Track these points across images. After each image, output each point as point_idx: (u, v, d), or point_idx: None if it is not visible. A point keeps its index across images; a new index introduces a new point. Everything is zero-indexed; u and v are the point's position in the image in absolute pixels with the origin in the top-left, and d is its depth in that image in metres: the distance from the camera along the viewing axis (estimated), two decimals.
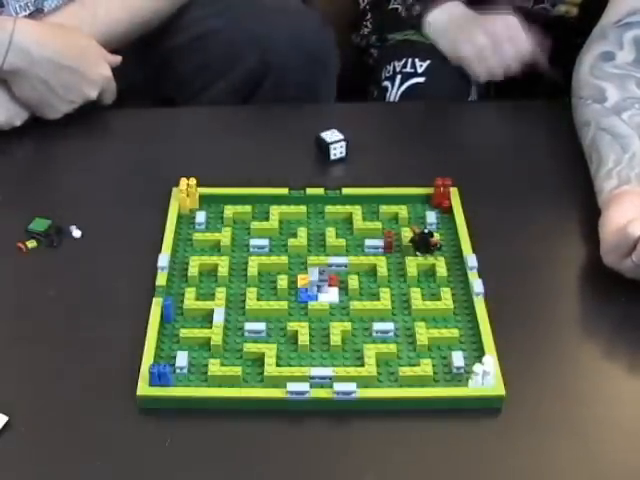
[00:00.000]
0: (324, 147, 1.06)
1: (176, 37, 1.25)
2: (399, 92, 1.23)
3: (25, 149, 1.10)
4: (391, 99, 1.24)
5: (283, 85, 1.19)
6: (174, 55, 1.26)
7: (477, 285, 0.87)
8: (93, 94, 1.10)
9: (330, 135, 1.06)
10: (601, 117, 1.02)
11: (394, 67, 1.26)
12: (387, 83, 1.25)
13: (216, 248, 0.94)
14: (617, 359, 0.86)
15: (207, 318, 0.86)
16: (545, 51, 1.23)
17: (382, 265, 0.91)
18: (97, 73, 1.09)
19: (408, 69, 1.24)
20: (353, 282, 0.90)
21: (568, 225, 0.97)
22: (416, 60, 1.24)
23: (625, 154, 0.96)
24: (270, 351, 0.82)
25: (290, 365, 0.82)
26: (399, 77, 1.24)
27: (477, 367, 0.79)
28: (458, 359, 0.81)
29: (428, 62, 1.23)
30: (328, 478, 0.75)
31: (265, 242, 0.94)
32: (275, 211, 0.98)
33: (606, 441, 0.78)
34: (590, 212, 0.95)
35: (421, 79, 1.23)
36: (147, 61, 1.26)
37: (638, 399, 0.82)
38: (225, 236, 0.95)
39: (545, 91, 1.37)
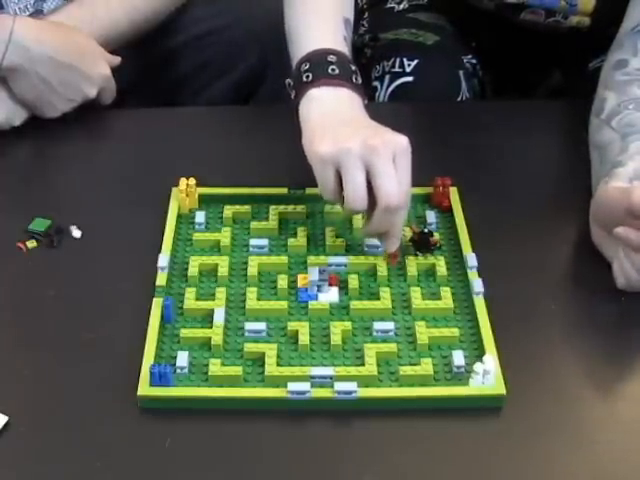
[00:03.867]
0: None
1: (176, 36, 1.25)
2: (388, 92, 1.23)
3: (25, 149, 1.09)
4: (380, 99, 1.24)
5: (284, 83, 1.19)
6: (174, 54, 1.26)
7: (477, 284, 0.87)
8: (92, 93, 1.10)
9: None
10: (594, 132, 1.01)
11: (383, 67, 1.26)
12: (376, 83, 1.25)
13: (216, 248, 0.94)
14: (617, 358, 0.85)
15: (207, 318, 0.86)
16: None
17: (382, 265, 0.91)
18: (96, 72, 1.09)
19: (396, 69, 1.24)
20: (353, 282, 0.90)
21: (568, 225, 0.97)
22: (404, 59, 1.24)
23: (603, 165, 0.96)
24: (270, 351, 0.82)
25: (291, 365, 0.82)
26: (388, 77, 1.24)
27: (478, 366, 0.79)
28: (458, 358, 0.81)
29: (416, 61, 1.23)
30: (328, 478, 0.75)
31: (265, 242, 0.94)
32: (274, 211, 0.98)
33: (607, 440, 0.78)
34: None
35: (409, 78, 1.23)
36: (147, 61, 1.26)
37: (638, 398, 0.82)
38: (225, 236, 0.95)
39: (545, 91, 1.38)
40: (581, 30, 1.23)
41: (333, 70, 0.92)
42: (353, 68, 0.95)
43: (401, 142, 0.87)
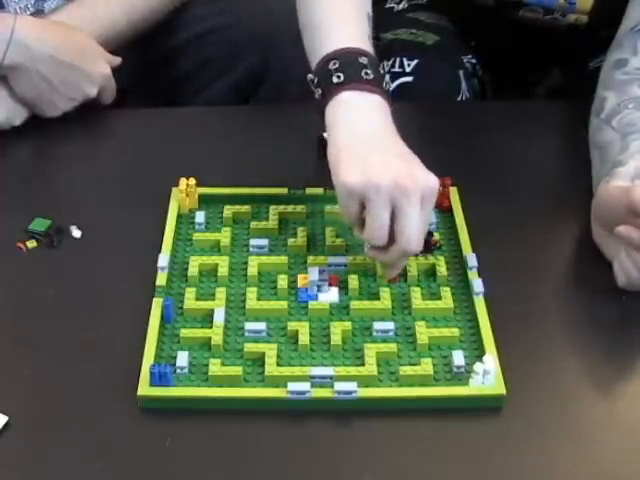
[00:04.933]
0: (325, 147, 1.05)
1: (177, 35, 1.25)
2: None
3: (25, 149, 1.09)
4: None
5: (284, 83, 1.19)
6: (175, 54, 1.26)
7: (477, 284, 0.87)
8: (93, 92, 1.10)
9: None
10: (595, 132, 1.02)
11: (383, 67, 1.25)
12: None
13: (216, 248, 0.94)
14: (617, 358, 0.85)
15: (207, 318, 0.86)
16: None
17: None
18: (97, 71, 1.10)
19: (396, 68, 1.24)
20: (353, 282, 0.90)
21: (568, 224, 0.97)
22: (404, 59, 1.24)
23: (603, 165, 0.96)
24: (270, 351, 0.82)
25: (291, 365, 0.82)
26: (387, 77, 1.24)
27: (478, 366, 0.79)
28: (458, 358, 0.81)
29: (416, 61, 1.23)
30: (328, 478, 0.75)
31: (265, 242, 0.94)
32: (274, 211, 0.98)
33: (606, 440, 0.78)
34: (590, 212, 0.95)
35: (409, 78, 1.23)
36: (147, 60, 1.26)
37: (638, 398, 0.82)
38: (225, 236, 0.95)
39: (545, 91, 1.38)
40: (579, 28, 1.23)
41: (367, 74, 0.88)
42: (382, 72, 0.91)
43: (432, 184, 0.83)
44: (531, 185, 1.04)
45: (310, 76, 0.91)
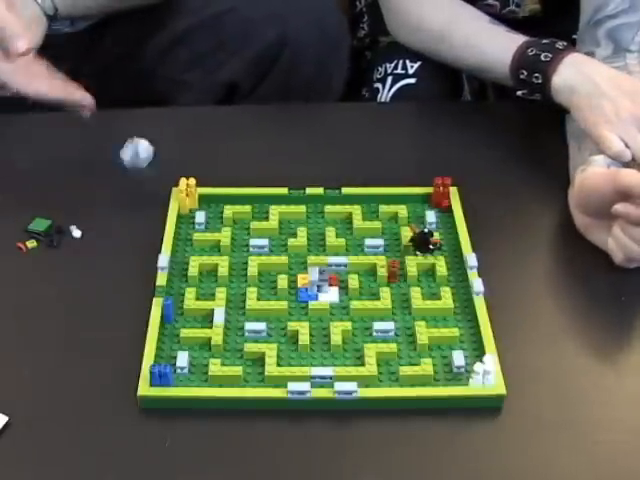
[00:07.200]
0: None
1: (187, 18, 1.23)
2: (390, 93, 1.23)
3: (25, 149, 1.09)
4: (382, 100, 1.24)
5: (299, 62, 1.18)
6: (187, 35, 1.24)
7: (477, 284, 0.87)
8: None
9: None
10: (572, 121, 1.03)
11: (385, 69, 1.26)
12: (378, 85, 1.25)
13: (216, 248, 0.94)
14: (617, 358, 0.86)
15: (207, 318, 0.86)
16: None
17: (382, 265, 0.91)
18: None
19: (399, 70, 1.24)
20: (353, 282, 0.90)
21: (568, 224, 0.97)
22: (407, 61, 1.24)
23: (581, 152, 0.99)
24: (271, 351, 0.82)
25: (291, 365, 0.82)
26: (390, 78, 1.24)
27: (478, 366, 0.79)
28: (458, 358, 0.82)
29: (419, 63, 1.23)
30: (328, 478, 0.75)
31: (265, 242, 0.94)
32: (275, 211, 0.98)
33: (606, 440, 0.78)
34: None
35: (412, 80, 1.23)
36: (159, 41, 1.25)
37: (638, 398, 0.82)
38: (225, 236, 0.95)
39: None
40: (536, 18, 1.25)
41: (563, 45, 1.03)
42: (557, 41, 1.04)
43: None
44: (531, 185, 1.04)
45: (521, 76, 1.05)
